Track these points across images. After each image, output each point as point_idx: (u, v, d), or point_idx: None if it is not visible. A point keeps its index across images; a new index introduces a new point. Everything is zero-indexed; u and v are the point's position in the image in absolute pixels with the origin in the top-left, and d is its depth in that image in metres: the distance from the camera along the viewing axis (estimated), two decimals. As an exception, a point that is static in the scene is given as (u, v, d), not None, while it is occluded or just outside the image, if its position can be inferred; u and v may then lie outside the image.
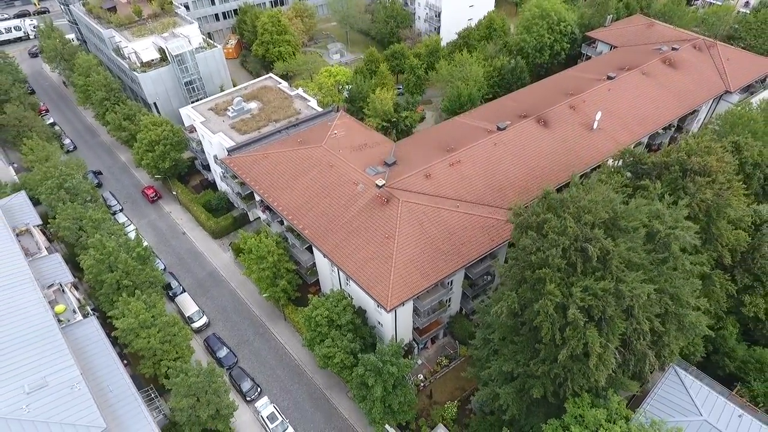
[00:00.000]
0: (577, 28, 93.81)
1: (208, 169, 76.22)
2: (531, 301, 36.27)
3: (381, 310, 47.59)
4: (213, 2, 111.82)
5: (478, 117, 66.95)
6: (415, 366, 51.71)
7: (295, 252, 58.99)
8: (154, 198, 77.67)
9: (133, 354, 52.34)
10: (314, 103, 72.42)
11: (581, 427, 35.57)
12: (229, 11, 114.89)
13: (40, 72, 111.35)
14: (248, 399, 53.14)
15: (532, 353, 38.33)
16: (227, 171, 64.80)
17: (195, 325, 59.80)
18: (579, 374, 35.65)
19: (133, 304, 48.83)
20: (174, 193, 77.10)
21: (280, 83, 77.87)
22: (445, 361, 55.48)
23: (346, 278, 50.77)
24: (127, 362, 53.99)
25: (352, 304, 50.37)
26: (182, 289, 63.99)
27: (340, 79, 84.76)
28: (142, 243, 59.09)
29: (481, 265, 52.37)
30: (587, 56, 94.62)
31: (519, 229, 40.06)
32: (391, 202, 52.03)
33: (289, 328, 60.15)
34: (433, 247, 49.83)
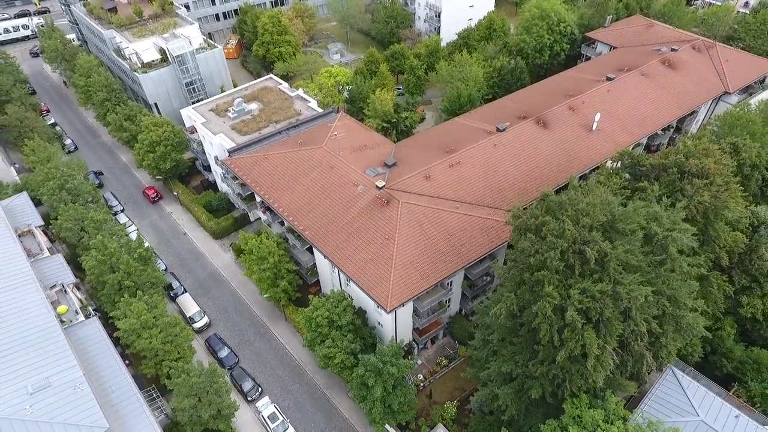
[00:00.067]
0: (576, 29, 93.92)
1: (209, 169, 76.47)
2: (529, 302, 36.54)
3: (381, 310, 47.92)
4: (213, 2, 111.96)
5: (477, 118, 67.20)
6: (415, 366, 51.95)
7: (295, 253, 59.27)
8: (155, 199, 77.90)
9: (134, 354, 52.69)
10: (314, 104, 72.61)
11: (579, 428, 35.88)
12: (229, 11, 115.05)
13: (41, 72, 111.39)
14: (249, 399, 53.51)
15: (531, 354, 38.62)
16: (228, 172, 65.04)
17: (196, 326, 60.14)
18: (577, 375, 35.97)
19: (135, 305, 49.10)
20: (175, 193, 77.34)
21: (281, 84, 78.02)
22: (444, 361, 55.78)
23: (347, 279, 51.05)
24: (128, 363, 54.27)
25: (352, 305, 50.66)
26: (183, 290, 64.31)
27: (341, 79, 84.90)
28: (144, 244, 59.28)
29: (481, 266, 52.66)
30: (587, 57, 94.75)
31: (518, 232, 40.31)
32: (391, 204, 52.31)
33: (290, 328, 60.47)
34: (432, 248, 50.11)
